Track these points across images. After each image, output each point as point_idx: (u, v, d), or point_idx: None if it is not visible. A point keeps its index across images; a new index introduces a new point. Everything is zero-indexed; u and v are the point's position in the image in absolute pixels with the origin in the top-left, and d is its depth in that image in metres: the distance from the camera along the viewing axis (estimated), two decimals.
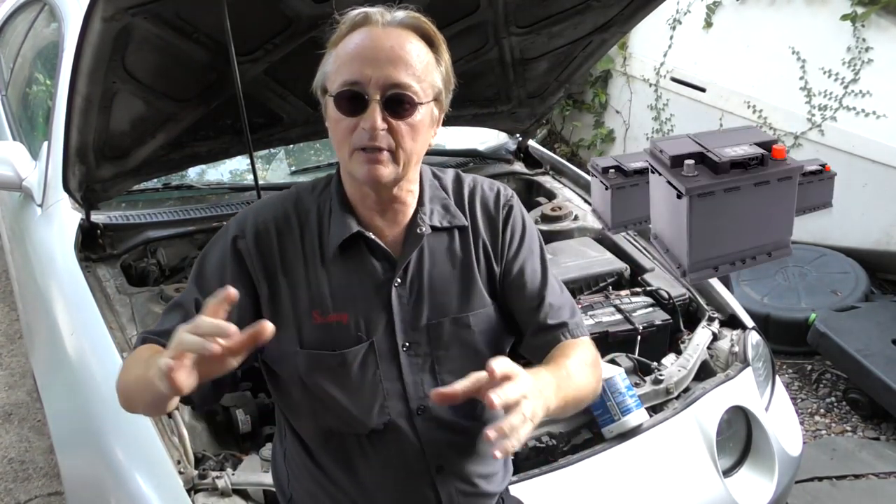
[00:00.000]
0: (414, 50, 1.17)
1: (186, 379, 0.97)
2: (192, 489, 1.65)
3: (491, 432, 0.98)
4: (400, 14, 1.19)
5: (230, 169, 2.84)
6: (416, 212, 1.28)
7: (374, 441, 1.27)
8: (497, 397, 0.99)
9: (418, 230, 1.27)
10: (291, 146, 2.84)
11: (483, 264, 1.33)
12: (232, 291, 1.00)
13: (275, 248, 1.25)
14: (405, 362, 1.26)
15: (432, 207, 1.30)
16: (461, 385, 1.03)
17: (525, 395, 1.02)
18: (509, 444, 0.98)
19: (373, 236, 1.25)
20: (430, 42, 1.20)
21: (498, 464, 1.41)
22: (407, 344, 1.26)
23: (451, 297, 1.29)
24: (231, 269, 1.24)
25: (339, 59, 1.18)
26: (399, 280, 1.26)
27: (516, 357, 1.18)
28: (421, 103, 1.17)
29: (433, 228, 1.28)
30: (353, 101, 1.15)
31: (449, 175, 1.36)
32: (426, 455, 1.28)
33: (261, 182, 2.39)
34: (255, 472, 1.70)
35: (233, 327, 0.98)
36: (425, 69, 1.18)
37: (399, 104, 1.16)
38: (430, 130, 1.23)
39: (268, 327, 0.98)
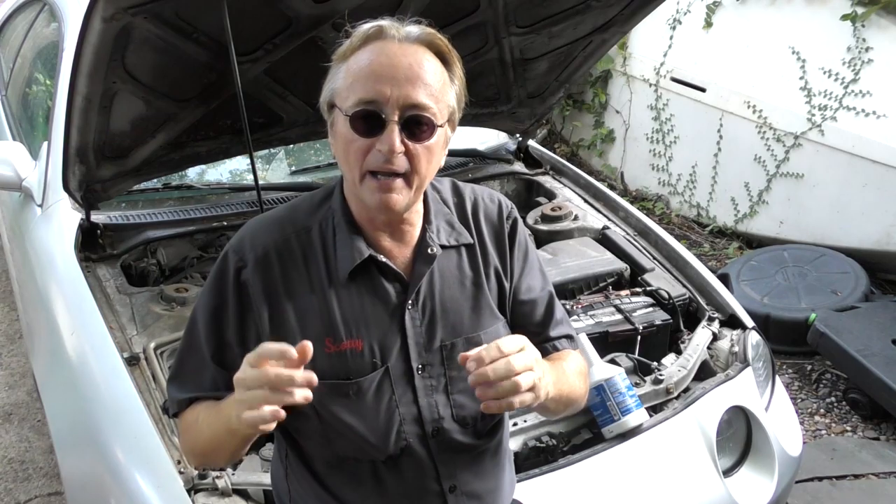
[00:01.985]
0: (431, 68, 1.12)
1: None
2: (192, 489, 1.65)
3: (471, 368, 1.03)
4: (415, 30, 1.14)
5: (230, 169, 2.84)
6: (424, 231, 1.24)
7: (389, 466, 1.25)
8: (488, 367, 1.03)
9: (429, 251, 1.23)
10: (291, 146, 2.84)
11: (493, 281, 1.30)
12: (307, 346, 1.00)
13: (277, 276, 1.19)
14: (419, 385, 1.23)
15: (438, 225, 1.26)
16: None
17: (529, 367, 1.05)
18: (503, 403, 1.03)
19: (384, 259, 1.21)
20: (444, 60, 1.16)
21: (504, 477, 1.40)
22: (420, 366, 1.23)
23: (463, 316, 1.26)
24: (234, 304, 1.20)
25: (352, 74, 1.12)
26: (411, 303, 1.22)
27: None
28: (439, 125, 1.13)
29: (441, 247, 1.25)
30: (369, 121, 1.10)
31: (446, 186, 1.33)
32: (440, 476, 1.27)
33: (261, 182, 2.39)
34: (255, 472, 1.70)
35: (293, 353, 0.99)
36: (442, 89, 1.13)
37: (417, 126, 1.11)
38: (442, 152, 1.19)
39: (307, 347, 1.00)
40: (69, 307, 2.15)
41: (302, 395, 0.99)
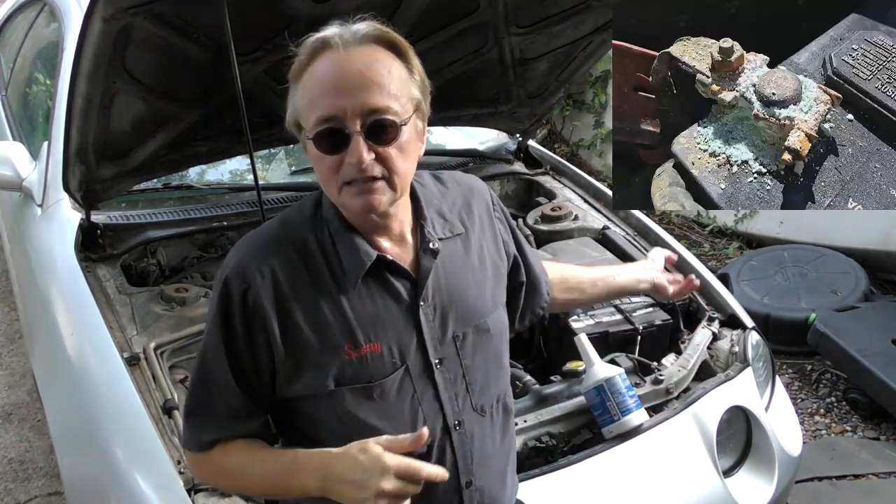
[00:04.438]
0: (384, 68, 1.10)
1: None
2: (192, 489, 1.64)
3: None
4: (361, 28, 1.12)
5: (230, 169, 2.84)
6: (421, 226, 1.25)
7: None
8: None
9: (431, 245, 1.23)
10: (291, 146, 2.84)
11: (488, 263, 1.33)
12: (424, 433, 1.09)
13: (286, 291, 1.17)
14: (440, 379, 1.24)
15: (432, 218, 1.27)
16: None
17: None
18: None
19: (391, 258, 1.21)
20: (397, 52, 1.13)
21: (511, 478, 1.41)
22: (439, 360, 1.24)
23: (469, 305, 1.27)
24: (242, 326, 1.17)
25: (307, 92, 1.11)
26: (423, 299, 1.23)
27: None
28: (404, 123, 1.12)
29: (439, 240, 1.25)
30: (333, 138, 1.09)
31: (427, 178, 1.33)
32: (458, 472, 1.27)
33: (261, 182, 2.39)
34: None
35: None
36: (400, 84, 1.11)
37: (382, 130, 1.10)
38: (418, 143, 1.19)
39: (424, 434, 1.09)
40: (69, 307, 2.15)
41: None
